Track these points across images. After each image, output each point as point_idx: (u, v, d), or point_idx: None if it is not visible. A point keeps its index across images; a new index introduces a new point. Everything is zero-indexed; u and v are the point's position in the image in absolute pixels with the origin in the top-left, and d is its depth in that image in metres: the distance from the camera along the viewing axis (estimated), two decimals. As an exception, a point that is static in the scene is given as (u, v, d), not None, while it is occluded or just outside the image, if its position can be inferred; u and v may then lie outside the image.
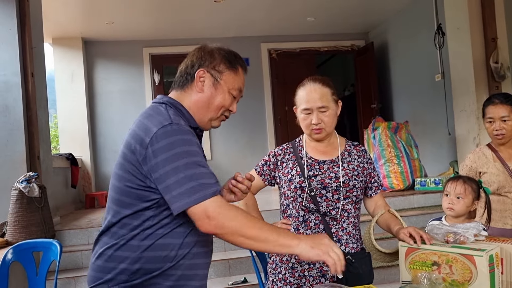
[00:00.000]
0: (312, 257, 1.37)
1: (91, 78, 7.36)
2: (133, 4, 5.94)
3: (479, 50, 4.95)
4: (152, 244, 1.39)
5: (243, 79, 1.62)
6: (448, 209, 2.15)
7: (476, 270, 1.53)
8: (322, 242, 1.38)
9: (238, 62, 1.60)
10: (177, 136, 1.35)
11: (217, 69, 1.55)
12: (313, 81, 1.97)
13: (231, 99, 1.58)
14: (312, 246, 1.36)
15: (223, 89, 1.55)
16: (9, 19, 3.95)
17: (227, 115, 1.61)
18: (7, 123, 3.89)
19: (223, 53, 1.58)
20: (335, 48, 8.07)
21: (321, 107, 1.92)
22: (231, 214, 1.32)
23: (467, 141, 5.10)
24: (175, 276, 1.42)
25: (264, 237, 1.34)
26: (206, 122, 1.57)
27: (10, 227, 3.57)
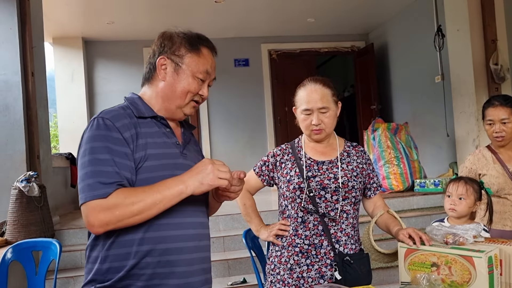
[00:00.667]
0: (206, 189, 1.34)
1: (91, 77, 7.37)
2: (133, 4, 5.95)
3: (479, 52, 4.95)
4: (113, 241, 1.35)
5: (210, 60, 1.50)
6: (450, 210, 2.16)
7: (475, 271, 1.53)
8: (207, 172, 1.33)
9: (201, 43, 1.50)
10: (90, 131, 1.35)
11: (177, 54, 1.46)
12: (313, 81, 1.96)
13: (198, 83, 1.48)
14: (201, 181, 1.32)
15: (186, 73, 1.46)
16: (10, 18, 3.95)
17: (198, 99, 1.51)
18: (7, 122, 3.89)
19: (182, 35, 1.49)
20: (335, 49, 8.08)
21: (322, 108, 1.92)
22: (109, 209, 1.28)
23: (466, 143, 5.11)
24: (146, 276, 1.35)
25: (151, 202, 1.29)
26: (175, 110, 1.49)
27: (10, 226, 3.57)
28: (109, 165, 1.31)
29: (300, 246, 1.91)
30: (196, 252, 1.44)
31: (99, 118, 1.37)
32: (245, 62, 7.72)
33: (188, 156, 1.50)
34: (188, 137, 1.57)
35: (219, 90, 7.59)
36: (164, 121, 1.48)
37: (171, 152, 1.45)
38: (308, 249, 1.90)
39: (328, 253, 1.89)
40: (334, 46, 8.03)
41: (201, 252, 1.47)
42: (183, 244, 1.40)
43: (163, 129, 1.47)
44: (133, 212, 1.29)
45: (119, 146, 1.34)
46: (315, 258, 1.89)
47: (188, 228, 1.42)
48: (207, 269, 1.51)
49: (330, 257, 1.88)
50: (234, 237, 4.13)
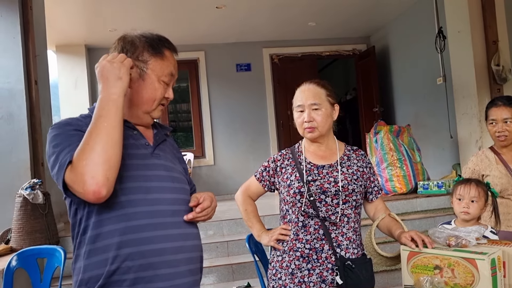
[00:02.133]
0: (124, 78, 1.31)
1: (94, 84, 7.39)
2: (135, 12, 5.98)
3: (480, 53, 4.95)
4: (91, 249, 1.32)
5: (173, 62, 1.47)
6: (463, 213, 2.14)
7: (478, 273, 1.53)
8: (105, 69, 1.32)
9: (163, 45, 1.46)
10: (47, 141, 1.34)
11: (140, 59, 1.42)
12: (309, 82, 2.00)
13: (163, 87, 1.44)
14: (111, 78, 1.30)
15: (152, 78, 1.42)
16: (13, 27, 3.99)
17: (164, 103, 1.48)
18: (12, 130, 3.91)
19: (144, 39, 1.45)
20: (337, 52, 8.09)
21: (313, 104, 1.93)
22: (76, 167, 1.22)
23: (469, 144, 5.10)
24: (128, 281, 1.30)
25: (95, 127, 1.24)
26: (142, 115, 1.45)
27: (15, 233, 3.59)
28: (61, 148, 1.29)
29: (301, 251, 1.91)
30: (181, 253, 1.39)
31: (59, 125, 1.37)
32: (247, 66, 7.74)
33: (161, 156, 1.47)
34: (161, 138, 1.53)
35: (222, 95, 7.62)
36: (129, 123, 1.44)
37: (139, 153, 1.42)
38: (309, 253, 1.90)
39: (329, 257, 1.89)
40: (336, 50, 8.04)
41: (188, 252, 1.41)
42: (165, 245, 1.35)
43: (130, 131, 1.43)
44: (92, 146, 1.21)
45: (74, 131, 1.33)
46: (316, 262, 1.89)
47: (170, 228, 1.37)
48: (195, 270, 1.45)
49: (331, 261, 1.88)
50: (238, 241, 4.13)
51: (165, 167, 1.44)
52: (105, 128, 1.24)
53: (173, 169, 1.48)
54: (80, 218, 1.35)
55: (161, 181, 1.41)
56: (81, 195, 1.22)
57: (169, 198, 1.40)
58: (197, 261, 1.47)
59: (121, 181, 1.32)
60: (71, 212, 1.38)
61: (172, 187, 1.43)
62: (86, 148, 1.21)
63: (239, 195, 2.19)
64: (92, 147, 1.21)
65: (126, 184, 1.34)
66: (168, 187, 1.42)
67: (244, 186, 2.19)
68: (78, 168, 1.20)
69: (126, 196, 1.33)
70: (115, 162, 1.24)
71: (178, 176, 1.49)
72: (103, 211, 1.32)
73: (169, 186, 1.43)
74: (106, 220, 1.32)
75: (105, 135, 1.23)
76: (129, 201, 1.33)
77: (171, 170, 1.47)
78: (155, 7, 5.91)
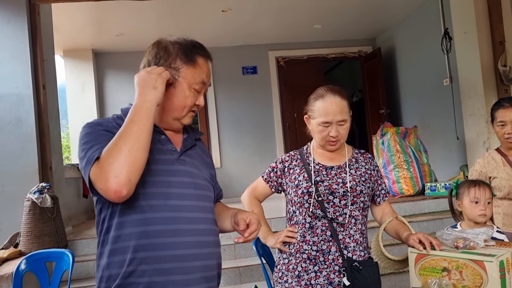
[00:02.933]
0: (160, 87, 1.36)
1: (101, 88, 7.45)
2: (141, 16, 6.01)
3: (486, 54, 4.93)
4: (112, 248, 1.36)
5: (206, 70, 1.47)
6: (482, 215, 2.13)
7: (487, 275, 1.53)
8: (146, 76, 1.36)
9: (196, 52, 1.46)
10: (79, 138, 1.39)
11: (173, 66, 1.43)
12: (332, 93, 1.95)
13: (194, 95, 1.45)
14: (149, 87, 1.34)
15: (183, 86, 1.43)
16: (21, 33, 4.02)
17: (195, 110, 1.50)
18: (20, 134, 3.95)
19: (177, 46, 1.45)
20: (343, 54, 8.08)
21: (341, 121, 1.93)
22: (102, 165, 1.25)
23: (476, 145, 5.07)
24: (143, 284, 1.33)
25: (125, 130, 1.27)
26: (172, 121, 1.48)
27: (23, 237, 3.62)
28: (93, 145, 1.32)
29: (308, 253, 1.90)
30: (197, 260, 1.39)
31: (91, 124, 1.42)
32: (253, 69, 7.75)
33: (187, 162, 1.47)
34: (191, 143, 1.53)
35: (228, 98, 7.64)
36: (158, 128, 1.46)
37: (165, 159, 1.43)
38: (316, 255, 1.89)
39: (336, 259, 1.88)
40: (342, 52, 8.04)
41: (203, 260, 1.42)
42: (181, 252, 1.36)
43: (158, 136, 1.45)
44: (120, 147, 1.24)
45: (105, 132, 1.37)
46: (323, 264, 1.88)
47: (187, 236, 1.38)
48: (210, 277, 1.46)
49: (338, 263, 1.88)
50: (245, 244, 4.13)
51: (189, 174, 1.45)
52: (134, 132, 1.27)
53: (198, 176, 1.48)
54: (103, 217, 1.39)
55: (183, 187, 1.42)
56: (103, 192, 1.25)
57: (189, 205, 1.41)
58: (213, 268, 1.47)
59: (144, 186, 1.34)
60: (97, 210, 1.42)
61: (194, 194, 1.44)
62: (114, 149, 1.25)
63: (245, 196, 2.19)
64: (120, 148, 1.24)
65: (148, 189, 1.35)
66: (190, 194, 1.43)
67: (251, 187, 2.18)
68: (103, 166, 1.23)
69: (146, 201, 1.35)
70: (140, 165, 1.26)
71: (202, 183, 1.49)
72: (124, 213, 1.35)
73: (190, 193, 1.43)
74: (127, 223, 1.35)
75: (134, 138, 1.26)
76: (149, 206, 1.35)
77: (195, 177, 1.47)
78: (161, 11, 5.94)
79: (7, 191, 3.89)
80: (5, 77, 3.98)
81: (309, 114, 2.00)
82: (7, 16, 4.02)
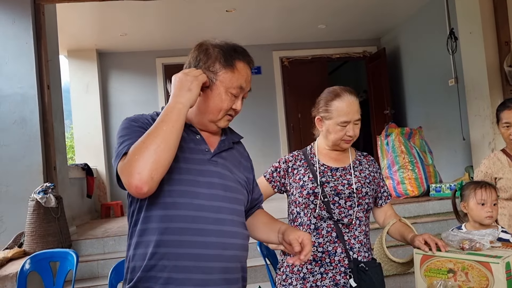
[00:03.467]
0: (196, 90, 1.37)
1: (105, 88, 7.47)
2: (145, 16, 6.03)
3: (492, 54, 4.90)
4: (137, 241, 1.39)
5: (245, 74, 1.48)
6: (489, 217, 2.12)
7: (493, 277, 1.51)
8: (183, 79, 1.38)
9: (236, 57, 1.47)
10: (118, 130, 1.44)
11: (212, 70, 1.45)
12: (349, 93, 1.96)
13: (231, 99, 1.46)
14: (185, 90, 1.36)
15: (220, 89, 1.45)
16: (26, 33, 4.04)
17: (232, 114, 1.50)
18: (24, 134, 3.96)
19: (218, 50, 1.47)
20: (347, 54, 8.07)
21: (357, 120, 1.96)
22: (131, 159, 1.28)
23: (482, 146, 5.05)
24: (162, 279, 1.35)
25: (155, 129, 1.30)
26: (208, 123, 1.49)
27: (28, 237, 3.63)
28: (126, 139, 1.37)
29: (314, 254, 1.89)
30: (217, 261, 1.39)
31: (129, 119, 1.46)
32: (257, 70, 7.75)
33: (219, 163, 1.47)
34: (227, 146, 1.54)
35: (232, 99, 7.63)
36: (193, 128, 1.49)
37: (196, 158, 1.44)
38: (322, 256, 1.88)
39: (342, 260, 1.87)
40: (346, 52, 8.03)
41: (225, 262, 1.41)
42: (201, 251, 1.37)
43: (192, 135, 1.47)
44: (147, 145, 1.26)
45: (139, 129, 1.41)
46: (329, 266, 1.87)
47: (209, 236, 1.38)
48: (233, 279, 1.45)
49: (344, 264, 1.86)
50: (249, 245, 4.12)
51: (220, 175, 1.45)
52: (163, 132, 1.29)
53: (229, 178, 1.48)
54: (133, 210, 1.43)
55: (212, 188, 1.42)
56: (126, 186, 1.29)
57: (216, 206, 1.41)
58: (237, 271, 1.47)
59: (171, 183, 1.36)
60: (128, 202, 1.46)
61: (222, 196, 1.44)
62: (141, 146, 1.28)
63: None
64: (147, 146, 1.27)
65: (175, 187, 1.37)
66: (218, 195, 1.43)
67: None
68: (129, 161, 1.27)
69: (172, 198, 1.37)
70: (164, 164, 1.28)
71: (233, 185, 1.49)
72: (151, 208, 1.37)
73: (219, 194, 1.43)
74: (152, 217, 1.37)
75: (162, 138, 1.29)
76: (174, 203, 1.36)
77: (226, 179, 1.47)
78: (165, 11, 5.95)
79: (12, 191, 3.90)
80: (9, 77, 4.00)
81: (323, 115, 1.98)
82: (12, 16, 4.04)
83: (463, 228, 2.20)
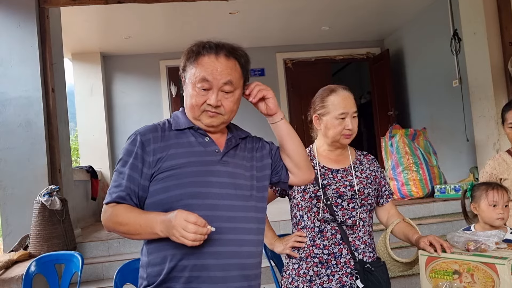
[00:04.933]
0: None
1: (109, 91, 7.49)
2: (149, 19, 6.04)
3: (496, 55, 4.89)
4: (154, 246, 1.44)
5: (210, 67, 1.44)
6: (500, 219, 2.12)
7: (499, 278, 1.51)
8: (172, 227, 1.31)
9: (201, 53, 1.47)
10: (126, 144, 1.50)
11: (184, 69, 1.52)
12: (343, 88, 1.99)
13: (199, 93, 1.45)
14: (168, 232, 1.33)
15: (188, 87, 1.49)
16: (30, 37, 4.06)
17: (210, 109, 1.47)
18: (29, 137, 3.98)
19: (188, 49, 1.51)
20: (351, 56, 8.06)
21: (355, 112, 1.96)
22: (105, 216, 1.44)
23: (486, 147, 5.03)
24: (184, 278, 1.40)
25: (133, 230, 1.40)
26: (195, 121, 1.52)
27: (33, 239, 3.64)
28: (127, 179, 1.45)
29: (320, 257, 1.88)
30: (235, 258, 1.44)
31: (135, 134, 1.50)
32: (261, 71, 7.75)
33: (230, 163, 1.51)
34: (234, 143, 1.56)
35: (235, 101, 7.63)
36: (201, 130, 1.51)
37: (206, 160, 1.47)
38: (328, 259, 1.87)
39: (348, 262, 1.86)
40: (349, 54, 8.02)
41: (242, 258, 1.46)
42: (219, 249, 1.41)
43: (201, 138, 1.51)
44: (122, 231, 1.42)
45: (138, 162, 1.45)
46: (336, 267, 1.86)
47: (226, 233, 1.43)
48: (251, 275, 1.50)
49: (350, 266, 1.86)
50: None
51: (229, 174, 1.49)
52: (133, 235, 1.42)
53: (240, 176, 1.52)
54: None
55: (223, 188, 1.46)
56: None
57: (228, 205, 1.45)
58: (253, 267, 1.51)
59: (183, 187, 1.42)
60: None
61: (233, 194, 1.48)
62: (116, 226, 1.43)
63: None
64: (119, 228, 1.43)
65: (187, 189, 1.42)
66: (229, 194, 1.47)
67: None
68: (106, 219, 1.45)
69: (185, 200, 1.41)
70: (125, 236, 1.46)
71: (244, 183, 1.52)
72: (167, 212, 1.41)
73: (230, 193, 1.47)
74: None
75: (135, 236, 1.42)
76: (187, 205, 1.39)
77: (236, 177, 1.50)
78: (169, 14, 5.96)
79: (17, 193, 3.92)
80: (14, 80, 4.01)
81: (320, 112, 1.98)
82: (17, 20, 4.06)
83: (472, 229, 2.19)
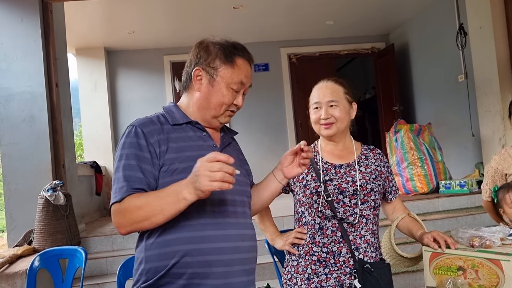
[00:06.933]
0: (206, 196, 1.28)
1: (113, 86, 7.49)
2: (153, 13, 6.03)
3: (502, 49, 4.85)
4: (153, 242, 1.42)
5: (245, 70, 1.52)
6: None
7: (503, 274, 1.49)
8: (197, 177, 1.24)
9: (236, 53, 1.51)
10: (123, 139, 1.47)
11: (212, 66, 1.50)
12: (326, 79, 1.98)
13: (232, 94, 1.51)
14: (195, 189, 1.26)
15: (221, 85, 1.49)
16: (34, 32, 4.06)
17: (234, 109, 1.55)
18: (33, 132, 3.99)
19: (218, 47, 1.51)
20: (355, 51, 8.02)
21: (331, 101, 1.91)
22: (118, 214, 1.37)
23: (492, 142, 5.00)
24: (186, 275, 1.39)
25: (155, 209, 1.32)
26: (210, 119, 1.54)
27: (37, 234, 3.65)
28: (136, 170, 1.40)
29: (318, 255, 1.86)
30: (237, 253, 1.45)
31: (132, 126, 1.48)
32: (265, 67, 7.73)
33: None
34: (227, 141, 1.62)
35: (239, 96, 7.62)
36: (199, 125, 1.53)
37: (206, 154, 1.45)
38: (327, 257, 1.84)
39: (347, 261, 1.83)
40: (354, 48, 7.97)
41: (243, 253, 1.48)
42: (223, 244, 1.42)
43: (199, 133, 1.52)
44: (141, 217, 1.34)
45: (145, 153, 1.42)
46: (334, 266, 1.83)
47: (229, 229, 1.44)
48: (250, 270, 1.51)
49: (349, 265, 1.83)
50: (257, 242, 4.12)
51: None
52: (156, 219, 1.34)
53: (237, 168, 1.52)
54: None
55: None
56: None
57: (230, 199, 1.47)
58: (252, 261, 1.54)
59: None
60: None
61: (234, 189, 1.45)
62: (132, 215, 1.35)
63: None
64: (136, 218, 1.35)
65: None
66: (231, 189, 1.43)
67: None
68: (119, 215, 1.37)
69: None
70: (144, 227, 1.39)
71: (241, 179, 1.54)
72: None
73: (232, 188, 1.44)
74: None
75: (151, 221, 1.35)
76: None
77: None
78: (173, 9, 5.95)
79: (21, 188, 3.93)
80: (18, 75, 4.02)
81: (308, 107, 2.01)
82: (20, 15, 4.06)
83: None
